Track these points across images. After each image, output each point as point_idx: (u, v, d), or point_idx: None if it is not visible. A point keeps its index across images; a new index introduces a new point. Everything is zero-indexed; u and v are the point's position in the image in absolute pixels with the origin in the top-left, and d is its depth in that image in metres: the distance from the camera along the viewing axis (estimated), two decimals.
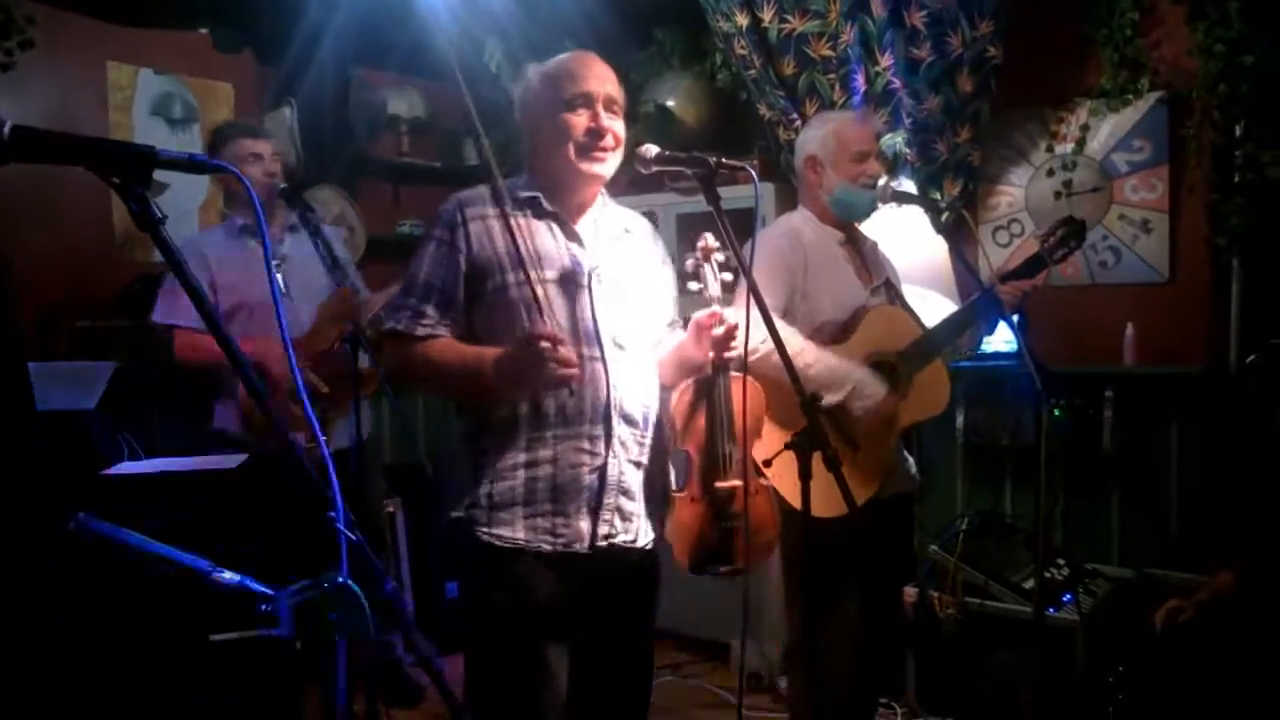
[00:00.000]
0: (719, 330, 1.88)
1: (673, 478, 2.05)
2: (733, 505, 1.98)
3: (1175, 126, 3.32)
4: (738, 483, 1.98)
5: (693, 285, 1.97)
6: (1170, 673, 2.61)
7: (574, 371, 1.77)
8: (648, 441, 1.97)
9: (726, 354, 1.91)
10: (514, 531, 1.86)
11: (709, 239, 1.96)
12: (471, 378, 1.85)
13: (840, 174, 2.48)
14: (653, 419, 1.98)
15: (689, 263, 1.98)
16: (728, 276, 1.96)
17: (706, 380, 1.98)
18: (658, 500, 1.99)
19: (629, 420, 1.92)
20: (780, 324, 2.11)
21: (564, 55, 1.97)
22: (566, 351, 1.74)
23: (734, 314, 1.89)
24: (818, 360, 2.31)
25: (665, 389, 2.02)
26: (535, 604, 1.87)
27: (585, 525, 1.88)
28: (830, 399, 2.28)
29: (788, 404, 1.75)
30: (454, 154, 4.70)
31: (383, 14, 3.78)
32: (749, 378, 2.01)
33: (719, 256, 1.97)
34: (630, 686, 2.06)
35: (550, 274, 1.88)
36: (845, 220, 2.54)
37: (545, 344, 1.72)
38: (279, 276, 2.96)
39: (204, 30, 3.94)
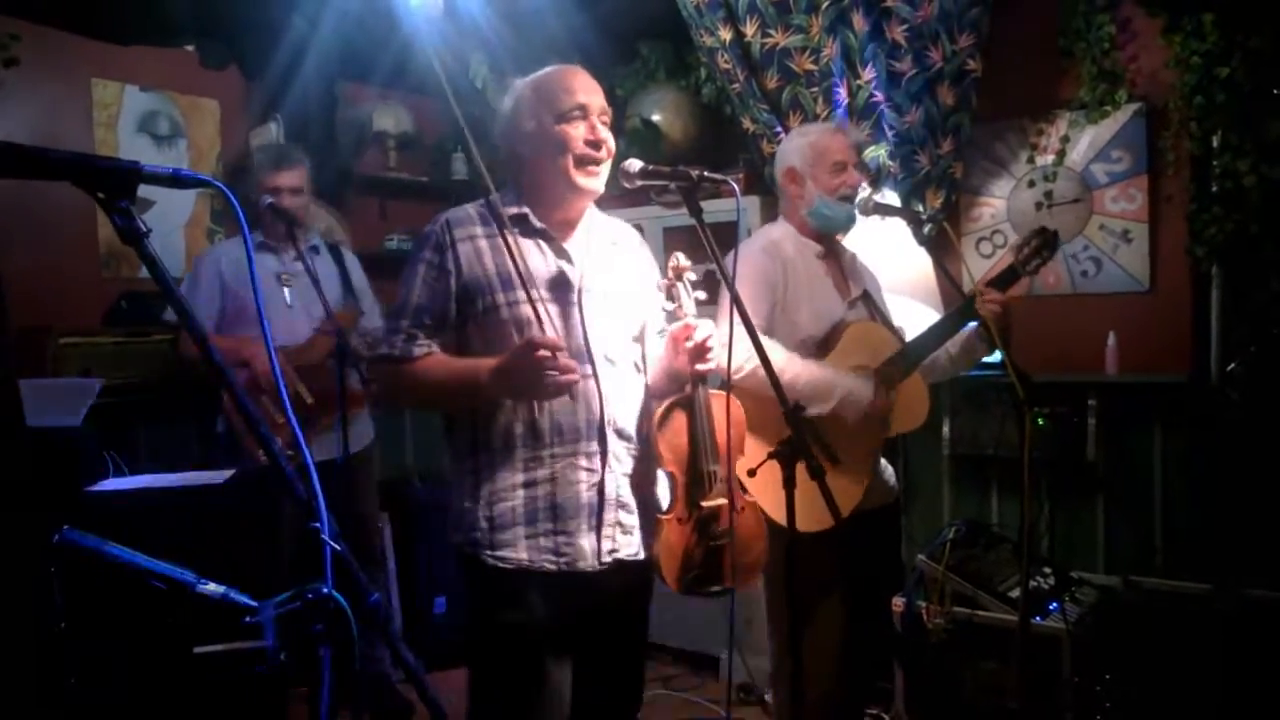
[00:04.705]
0: (691, 343, 1.88)
1: (661, 499, 2.03)
2: (718, 524, 1.97)
3: (1153, 137, 3.37)
4: (722, 501, 1.97)
5: (667, 305, 1.96)
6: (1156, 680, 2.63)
7: (574, 378, 1.78)
8: (641, 455, 1.98)
9: (701, 365, 1.91)
10: (516, 553, 1.87)
11: (679, 258, 1.96)
12: (467, 389, 1.85)
13: (818, 185, 2.49)
14: (644, 431, 1.99)
15: (661, 283, 1.97)
16: (701, 295, 1.94)
17: (685, 399, 1.96)
18: (650, 513, 1.99)
19: (623, 435, 1.93)
20: (764, 339, 2.13)
21: (551, 69, 1.98)
22: (565, 359, 1.76)
23: (706, 326, 1.90)
24: (804, 371, 2.31)
25: (658, 398, 2.02)
26: (540, 622, 1.87)
27: (588, 543, 1.89)
28: (820, 409, 2.29)
29: (773, 419, 1.75)
30: (441, 169, 4.71)
31: (368, 30, 3.80)
32: (728, 392, 2.01)
33: (691, 275, 1.96)
34: (623, 697, 2.07)
35: (540, 293, 1.88)
36: (824, 232, 2.56)
37: (544, 352, 1.73)
38: (285, 291, 3.17)
39: (189, 47, 3.95)
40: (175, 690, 2.09)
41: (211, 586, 1.17)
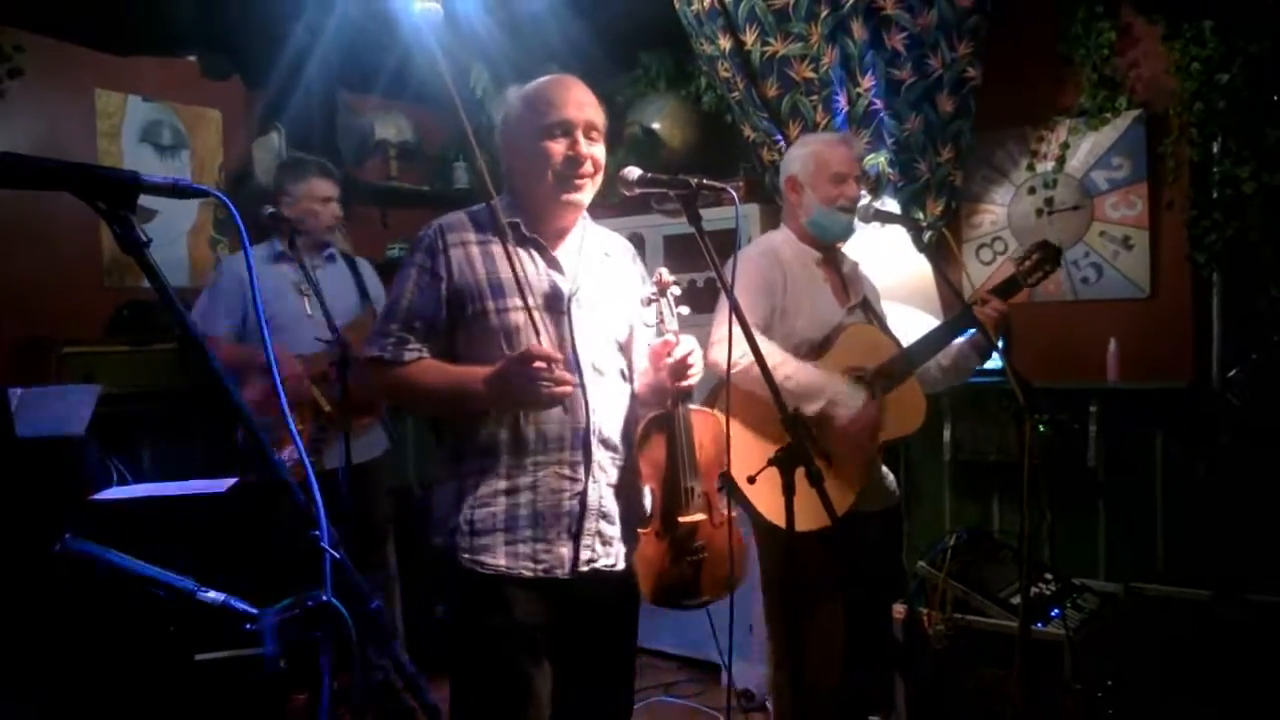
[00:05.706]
0: (671, 359, 1.88)
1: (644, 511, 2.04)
2: (695, 540, 1.98)
3: (1153, 144, 3.37)
4: (700, 517, 1.99)
5: (648, 320, 1.96)
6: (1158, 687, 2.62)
7: (567, 390, 1.79)
8: (625, 465, 1.98)
9: (681, 383, 1.91)
10: (495, 558, 1.87)
11: (663, 273, 1.96)
12: (461, 396, 1.87)
13: (818, 195, 2.50)
14: (629, 441, 1.99)
15: (645, 297, 1.97)
16: (684, 310, 1.95)
17: (665, 415, 1.97)
18: (633, 523, 2.00)
19: (607, 445, 1.94)
20: (760, 339, 2.13)
21: (544, 80, 1.97)
22: (561, 371, 1.77)
23: (687, 343, 1.90)
24: (797, 371, 2.34)
25: (644, 410, 2.03)
26: (518, 625, 1.87)
27: (566, 551, 1.89)
28: (808, 408, 2.31)
29: (773, 416, 1.76)
30: (442, 177, 4.73)
31: (369, 39, 3.82)
32: (708, 411, 2.01)
33: (675, 290, 1.96)
34: (611, 707, 2.06)
35: (529, 301, 1.88)
36: (822, 241, 2.57)
37: (540, 363, 1.74)
38: (304, 301, 3.20)
39: (192, 57, 3.97)
40: (176, 697, 2.09)
41: (212, 594, 1.17)
